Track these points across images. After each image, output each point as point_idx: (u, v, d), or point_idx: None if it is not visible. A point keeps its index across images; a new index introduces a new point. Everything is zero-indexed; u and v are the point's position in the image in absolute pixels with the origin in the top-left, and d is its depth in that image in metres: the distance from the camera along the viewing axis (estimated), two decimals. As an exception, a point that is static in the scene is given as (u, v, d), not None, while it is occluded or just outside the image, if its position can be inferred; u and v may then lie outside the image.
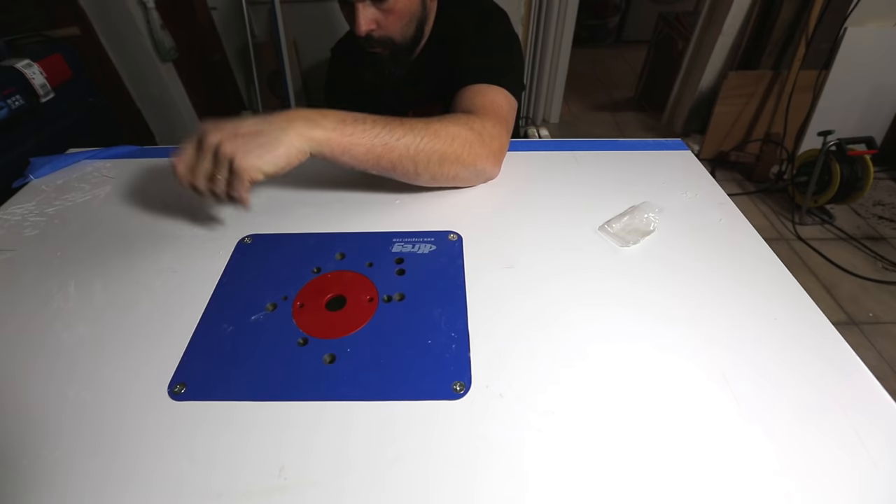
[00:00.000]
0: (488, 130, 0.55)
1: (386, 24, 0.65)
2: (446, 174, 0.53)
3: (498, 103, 0.61)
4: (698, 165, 0.63)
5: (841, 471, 0.31)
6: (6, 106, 0.97)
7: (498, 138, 0.57)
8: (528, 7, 1.92)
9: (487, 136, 0.55)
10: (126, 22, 1.53)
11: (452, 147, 0.51)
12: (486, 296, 0.44)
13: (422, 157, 0.50)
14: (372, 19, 0.63)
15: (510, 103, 0.63)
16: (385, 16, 0.64)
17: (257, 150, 0.41)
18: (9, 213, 0.56)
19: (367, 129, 0.46)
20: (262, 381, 0.37)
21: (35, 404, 0.36)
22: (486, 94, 0.61)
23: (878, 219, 1.72)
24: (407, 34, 0.68)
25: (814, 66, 1.75)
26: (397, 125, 0.49)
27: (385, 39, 0.67)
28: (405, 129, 0.48)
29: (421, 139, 0.49)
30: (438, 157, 0.51)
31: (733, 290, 0.44)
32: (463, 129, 0.53)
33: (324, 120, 0.44)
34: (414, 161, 0.50)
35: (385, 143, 0.47)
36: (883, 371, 1.22)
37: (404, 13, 0.65)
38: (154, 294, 0.45)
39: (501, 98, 0.62)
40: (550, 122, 2.36)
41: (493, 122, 0.57)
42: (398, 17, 0.65)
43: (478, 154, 0.54)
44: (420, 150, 0.49)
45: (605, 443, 0.33)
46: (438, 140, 0.50)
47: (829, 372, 0.37)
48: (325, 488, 0.30)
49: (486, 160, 0.55)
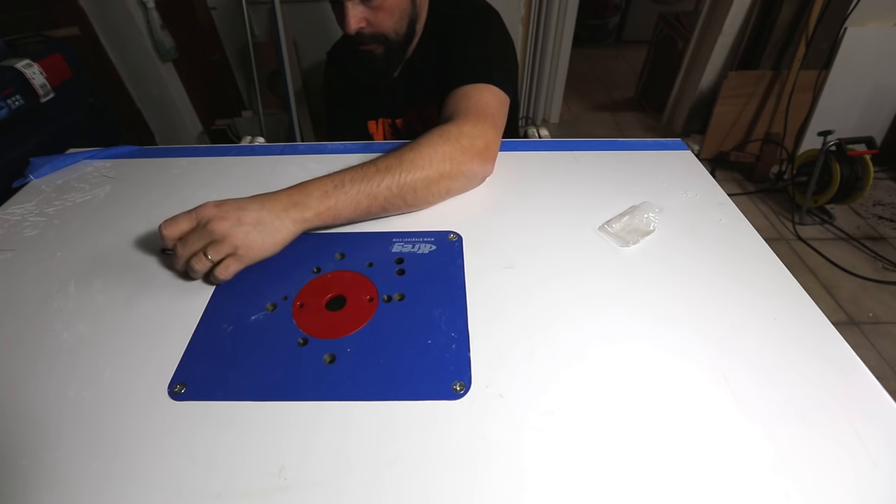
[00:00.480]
0: (466, 133, 0.55)
1: (376, 20, 0.65)
2: (438, 192, 0.54)
3: (484, 101, 0.61)
4: (698, 165, 0.63)
5: (841, 471, 0.31)
6: (6, 106, 0.97)
7: (480, 137, 0.56)
8: (528, 7, 1.92)
9: (466, 139, 0.55)
10: (126, 22, 1.53)
11: (433, 168, 0.52)
12: (485, 296, 0.44)
13: (407, 191, 0.51)
14: (361, 17, 0.64)
15: (499, 98, 0.63)
16: (374, 13, 0.64)
17: (261, 240, 0.45)
18: (9, 213, 0.56)
19: (347, 189, 0.48)
20: (262, 381, 0.37)
21: (35, 404, 0.36)
22: (471, 96, 0.61)
23: (878, 219, 1.72)
24: (399, 30, 0.69)
25: (814, 66, 1.75)
26: (373, 172, 0.50)
27: (377, 36, 0.67)
28: (382, 173, 0.50)
29: (399, 175, 0.50)
30: (423, 183, 0.51)
31: (733, 290, 0.44)
32: (438, 146, 0.53)
33: (308, 199, 0.47)
34: (401, 197, 0.51)
35: (368, 193, 0.49)
36: (883, 371, 1.22)
37: (394, 9, 0.65)
38: (154, 294, 0.45)
39: (489, 95, 0.62)
40: (550, 122, 2.36)
41: (473, 123, 0.57)
42: (388, 14, 0.65)
43: (460, 162, 0.54)
44: (403, 185, 0.50)
45: (605, 443, 0.33)
46: (415, 168, 0.51)
47: (829, 372, 0.37)
48: (325, 488, 0.30)
49: (471, 163, 0.55)
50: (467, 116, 0.58)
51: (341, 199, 0.48)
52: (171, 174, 0.63)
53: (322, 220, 0.48)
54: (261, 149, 0.69)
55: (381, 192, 0.49)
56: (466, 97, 0.61)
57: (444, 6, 0.74)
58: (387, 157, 0.52)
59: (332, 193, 0.48)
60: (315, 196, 0.47)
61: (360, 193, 0.48)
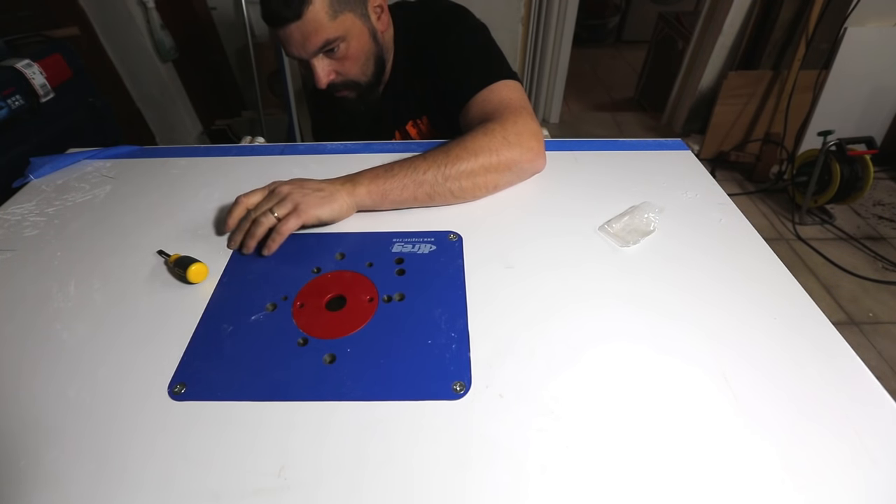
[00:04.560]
0: (510, 130, 0.56)
1: (344, 69, 0.65)
2: (485, 185, 0.55)
3: (507, 97, 0.61)
4: (698, 165, 0.63)
5: (841, 470, 0.31)
6: (6, 106, 0.97)
7: (525, 132, 0.57)
8: (528, 7, 1.92)
9: (513, 135, 0.56)
10: (126, 22, 1.53)
11: (478, 161, 0.54)
12: (486, 296, 0.44)
13: (452, 182, 0.53)
14: (329, 70, 0.64)
15: (517, 89, 0.63)
16: (341, 63, 0.65)
17: (319, 202, 0.50)
18: (9, 213, 0.56)
19: (396, 173, 0.53)
20: (261, 381, 0.37)
21: (35, 404, 0.36)
22: (491, 99, 0.62)
23: (878, 219, 1.72)
24: (367, 72, 0.68)
25: (814, 66, 1.75)
26: (420, 161, 0.54)
27: (348, 83, 0.68)
28: (429, 162, 0.54)
29: (444, 167, 0.53)
30: (468, 176, 0.54)
31: (733, 290, 0.44)
32: (483, 141, 0.55)
33: (360, 178, 0.53)
34: (446, 187, 0.54)
35: (414, 179, 0.53)
36: (883, 371, 1.22)
37: (359, 55, 0.65)
38: (154, 294, 0.45)
39: (506, 91, 0.62)
40: (550, 122, 2.36)
41: (513, 120, 0.58)
42: (354, 61, 0.65)
43: (506, 156, 0.55)
44: (448, 176, 0.53)
45: (605, 442, 0.33)
46: (460, 161, 0.53)
47: (829, 372, 0.37)
48: (325, 488, 0.30)
49: (517, 156, 0.56)
50: (504, 114, 0.58)
51: (389, 182, 0.53)
52: (171, 174, 0.63)
53: (372, 197, 0.53)
54: (261, 149, 0.69)
55: (427, 179, 0.53)
56: (487, 101, 0.62)
57: (410, 18, 0.73)
58: (436, 149, 0.56)
59: (382, 175, 0.53)
60: (367, 176, 0.53)
61: (406, 178, 0.53)
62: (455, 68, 0.66)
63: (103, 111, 1.26)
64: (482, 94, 0.62)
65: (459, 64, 0.66)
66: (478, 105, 0.62)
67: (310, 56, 0.62)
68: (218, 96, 1.90)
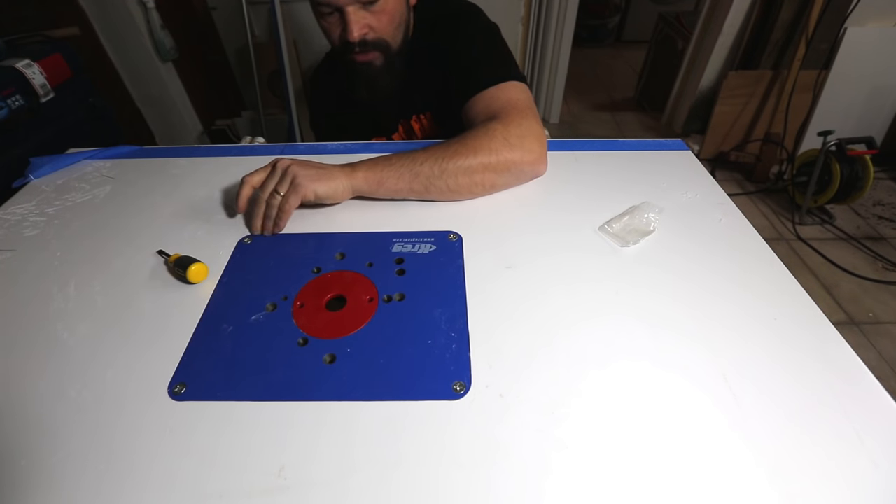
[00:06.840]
0: (513, 131, 0.56)
1: (379, 26, 0.64)
2: (482, 184, 0.55)
3: (514, 98, 0.61)
4: (698, 165, 0.63)
5: (841, 471, 0.31)
6: (6, 106, 0.97)
7: (528, 135, 0.57)
8: (528, 7, 1.92)
9: (515, 137, 0.56)
10: (126, 22, 1.53)
11: (476, 159, 0.54)
12: (485, 296, 0.44)
13: (448, 176, 0.53)
14: (364, 23, 0.62)
15: (523, 90, 0.63)
16: (377, 17, 0.63)
17: (316, 177, 0.51)
18: (9, 213, 0.56)
19: (393, 163, 0.54)
20: (262, 381, 0.37)
21: (35, 404, 0.36)
22: (498, 97, 0.61)
23: (878, 219, 1.72)
24: (397, 37, 0.67)
25: (814, 66, 1.75)
26: (419, 153, 0.54)
27: (379, 42, 0.65)
28: (427, 155, 0.54)
29: (442, 161, 0.53)
30: (464, 172, 0.53)
31: (733, 290, 0.44)
32: (484, 140, 0.55)
33: (360, 164, 0.54)
34: (442, 181, 0.53)
35: (410, 170, 0.53)
36: (883, 371, 1.22)
37: (395, 14, 0.64)
38: (154, 294, 0.45)
39: (515, 91, 0.62)
40: (550, 122, 2.36)
41: (517, 121, 0.57)
42: (390, 19, 0.64)
43: (506, 157, 0.55)
44: (445, 171, 0.53)
45: (605, 442, 0.33)
46: (458, 157, 0.53)
47: (829, 372, 0.37)
48: (325, 488, 0.30)
49: (522, 161, 0.56)
50: (509, 114, 0.58)
51: (387, 170, 0.54)
52: (171, 174, 0.63)
53: (368, 183, 0.53)
54: (261, 149, 0.69)
55: (424, 171, 0.53)
56: (493, 99, 0.61)
57: (427, 11, 0.73)
58: (437, 144, 0.56)
59: (381, 163, 0.54)
60: (367, 163, 0.54)
61: (403, 168, 0.53)
62: (466, 63, 0.66)
63: (103, 111, 1.26)
64: (490, 91, 0.62)
65: (471, 59, 0.66)
66: (484, 101, 0.62)
67: (347, 1, 0.60)
68: (218, 96, 1.90)
